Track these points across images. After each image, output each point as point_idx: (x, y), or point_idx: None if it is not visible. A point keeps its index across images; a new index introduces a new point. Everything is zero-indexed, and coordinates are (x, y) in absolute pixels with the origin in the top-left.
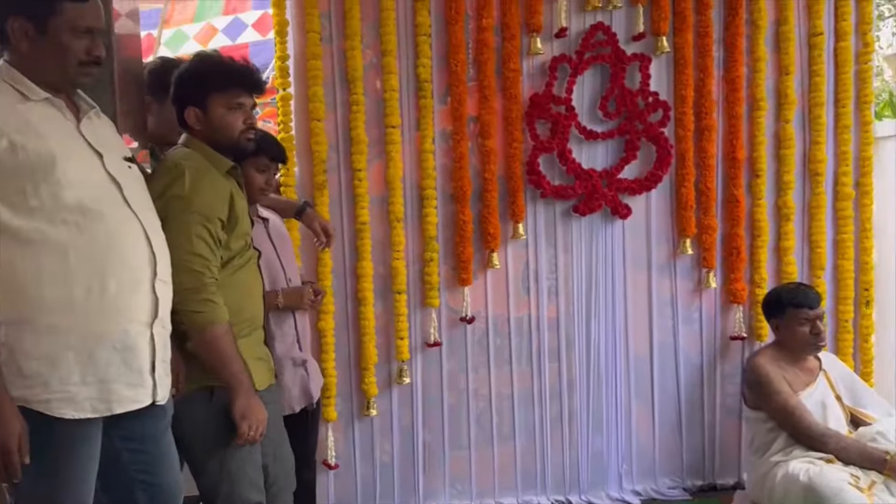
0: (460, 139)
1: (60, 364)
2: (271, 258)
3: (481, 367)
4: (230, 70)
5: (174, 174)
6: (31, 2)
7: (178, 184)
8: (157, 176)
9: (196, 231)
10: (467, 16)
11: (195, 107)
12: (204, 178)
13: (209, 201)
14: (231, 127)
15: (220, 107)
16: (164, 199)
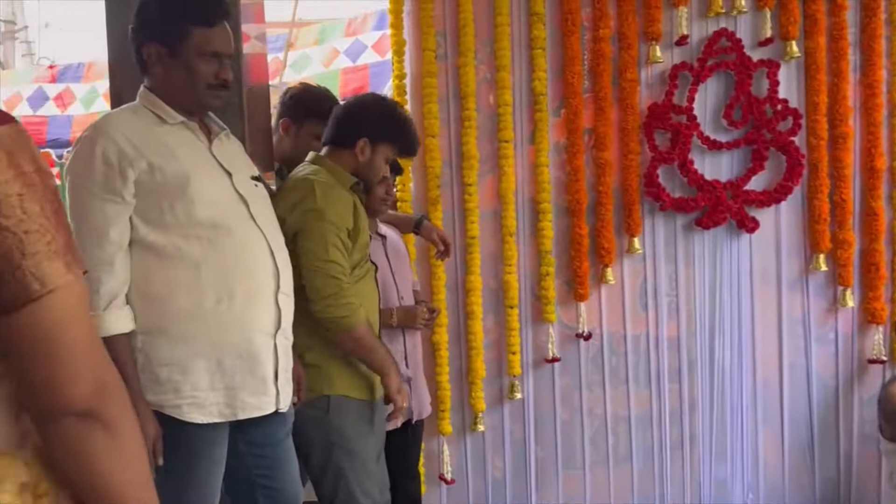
0: (576, 151)
1: (191, 371)
2: (386, 275)
3: (596, 386)
4: (407, 134)
5: (305, 188)
6: (164, 28)
7: (311, 197)
8: (287, 191)
9: (331, 240)
10: (583, 27)
11: (349, 144)
12: (333, 191)
13: (339, 212)
14: (377, 175)
15: (378, 155)
16: (297, 212)
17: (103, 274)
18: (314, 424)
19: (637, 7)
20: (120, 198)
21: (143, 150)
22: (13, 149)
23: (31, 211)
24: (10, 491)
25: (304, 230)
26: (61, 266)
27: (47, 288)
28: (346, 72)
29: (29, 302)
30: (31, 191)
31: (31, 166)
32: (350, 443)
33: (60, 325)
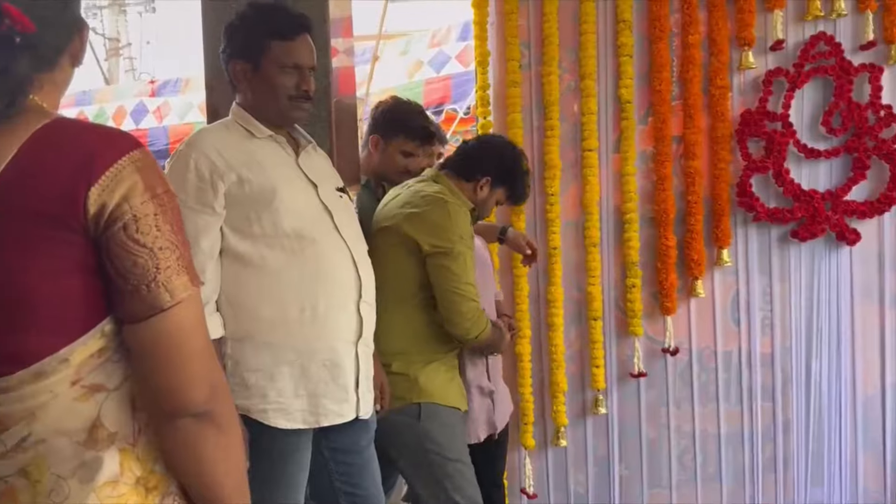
0: (663, 160)
1: (277, 377)
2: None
3: (684, 402)
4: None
5: (441, 206)
6: (246, 45)
7: (449, 219)
8: (421, 206)
9: (469, 263)
10: (672, 33)
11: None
12: (464, 214)
13: (470, 234)
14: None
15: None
16: (438, 229)
17: None
18: (407, 431)
19: (729, 12)
20: (211, 209)
21: (232, 164)
22: (146, 172)
23: (163, 229)
24: (128, 483)
25: (444, 252)
26: (187, 280)
27: (175, 300)
28: (428, 82)
29: (158, 312)
30: (163, 210)
31: (162, 188)
32: (446, 450)
33: (184, 334)
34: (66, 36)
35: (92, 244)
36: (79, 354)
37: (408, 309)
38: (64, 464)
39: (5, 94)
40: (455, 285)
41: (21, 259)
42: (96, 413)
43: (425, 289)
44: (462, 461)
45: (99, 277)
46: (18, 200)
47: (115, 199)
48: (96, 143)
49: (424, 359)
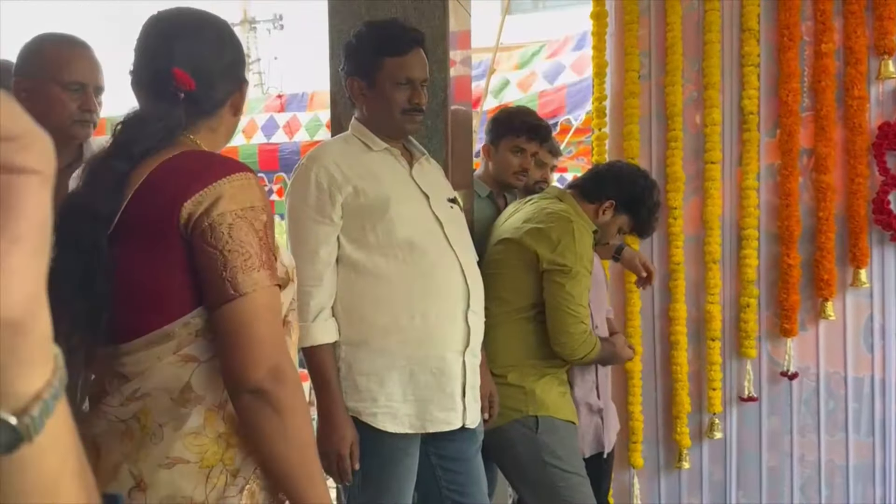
0: (789, 174)
1: (387, 382)
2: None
3: (809, 431)
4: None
5: (567, 225)
6: (362, 63)
7: (572, 239)
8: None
9: (586, 285)
10: (803, 42)
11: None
12: (586, 235)
13: (589, 254)
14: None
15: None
16: (561, 247)
17: (313, 288)
18: (524, 443)
19: (867, 20)
20: (329, 220)
21: (350, 176)
22: (236, 191)
23: (235, 236)
24: (209, 436)
25: (563, 270)
26: (254, 278)
27: (240, 293)
28: (542, 94)
29: (226, 302)
30: (239, 222)
31: (247, 204)
32: (564, 463)
33: (246, 321)
34: (225, 92)
35: (186, 246)
36: (179, 331)
37: (522, 322)
38: (162, 414)
39: (163, 134)
40: (567, 305)
41: (142, 256)
42: (188, 378)
43: (540, 304)
44: (580, 475)
45: (194, 272)
46: (143, 211)
47: (199, 211)
48: (201, 168)
49: (539, 372)
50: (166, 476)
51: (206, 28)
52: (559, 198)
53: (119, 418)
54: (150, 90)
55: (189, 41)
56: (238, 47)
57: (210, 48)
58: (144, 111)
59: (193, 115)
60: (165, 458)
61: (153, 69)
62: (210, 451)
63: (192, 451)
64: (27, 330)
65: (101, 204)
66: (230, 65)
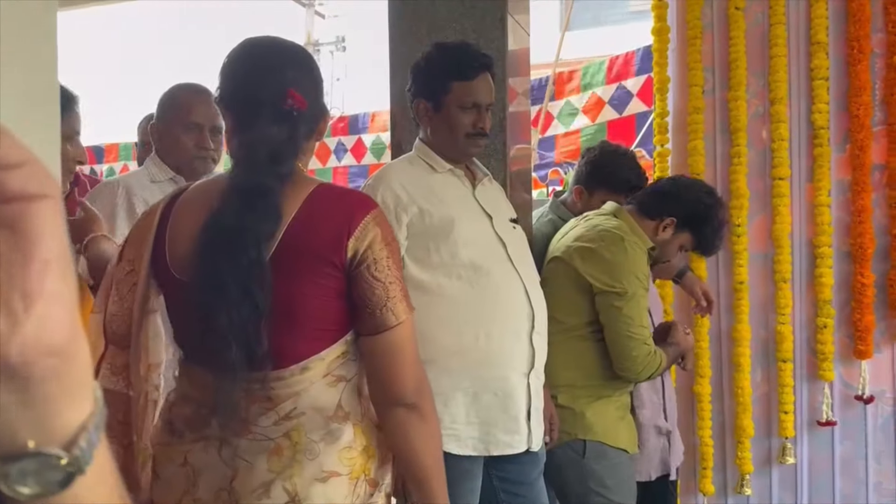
0: (861, 190)
1: (451, 403)
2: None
3: (885, 457)
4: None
5: (619, 245)
6: (429, 85)
7: (626, 259)
8: (598, 243)
9: (643, 304)
10: (874, 54)
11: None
12: (642, 254)
13: (645, 272)
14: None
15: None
16: (615, 268)
17: None
18: (571, 467)
19: None
20: None
21: (415, 197)
22: (383, 225)
23: (392, 268)
24: (358, 449)
25: (618, 293)
26: (406, 306)
27: (399, 321)
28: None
29: (387, 329)
30: (392, 253)
31: (391, 236)
32: (610, 492)
33: (402, 345)
34: (320, 115)
35: (346, 278)
36: (331, 355)
37: (575, 341)
38: (316, 431)
39: (291, 157)
40: (628, 329)
41: (301, 286)
42: (339, 397)
43: (594, 323)
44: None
45: (348, 302)
46: (303, 244)
47: (363, 246)
48: (354, 204)
49: (593, 394)
50: (321, 489)
51: (303, 55)
52: (614, 214)
53: (266, 437)
54: (264, 110)
55: (296, 66)
56: (321, 76)
57: (309, 74)
58: (269, 132)
59: (305, 139)
60: (322, 472)
61: (267, 89)
62: (358, 464)
63: (346, 464)
64: (71, 356)
65: (262, 222)
66: (321, 90)
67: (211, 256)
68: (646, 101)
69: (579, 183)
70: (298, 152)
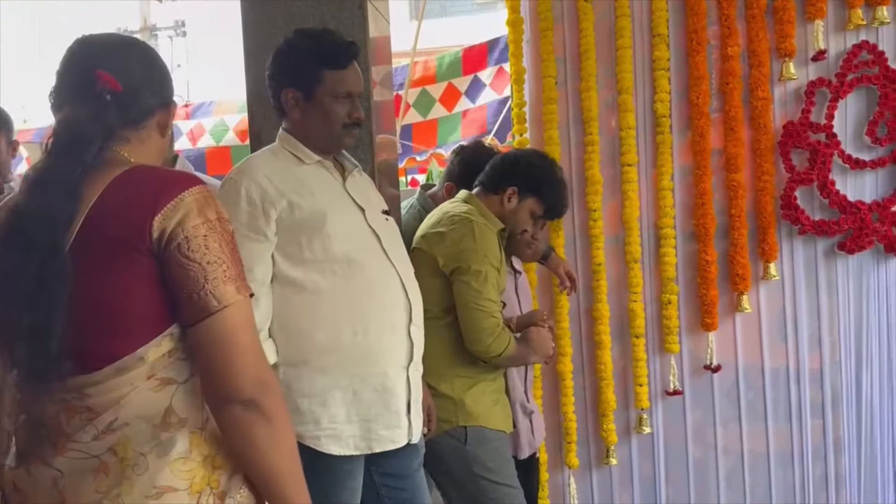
0: (702, 174)
1: (330, 403)
2: (514, 312)
3: (731, 422)
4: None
5: (465, 227)
6: (299, 74)
7: (471, 236)
8: (446, 225)
9: (491, 279)
10: (710, 46)
11: (501, 191)
12: (489, 231)
13: (495, 252)
14: (518, 228)
15: (524, 215)
16: (457, 250)
17: None
18: (453, 454)
19: (768, 23)
20: (263, 236)
21: (283, 190)
22: (201, 202)
23: (212, 247)
24: (196, 460)
25: (467, 269)
26: (233, 288)
27: (223, 304)
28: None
29: (209, 315)
30: (213, 232)
31: (215, 215)
32: (494, 474)
33: (231, 333)
34: (150, 104)
35: (157, 262)
36: (153, 354)
37: (445, 329)
38: (144, 443)
39: (96, 140)
40: (475, 301)
41: (104, 277)
42: (168, 402)
43: (454, 309)
44: (511, 485)
45: (165, 290)
46: (102, 231)
47: (172, 224)
48: (162, 183)
49: (469, 381)
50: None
51: (126, 41)
52: (465, 200)
53: (89, 454)
54: (75, 97)
55: (115, 54)
56: (164, 68)
57: (134, 61)
58: (74, 115)
59: (121, 123)
60: (153, 489)
61: (78, 77)
62: (199, 476)
63: (181, 478)
64: None
65: (56, 207)
66: (156, 79)
67: (5, 249)
68: (497, 91)
69: (451, 180)
70: (112, 136)
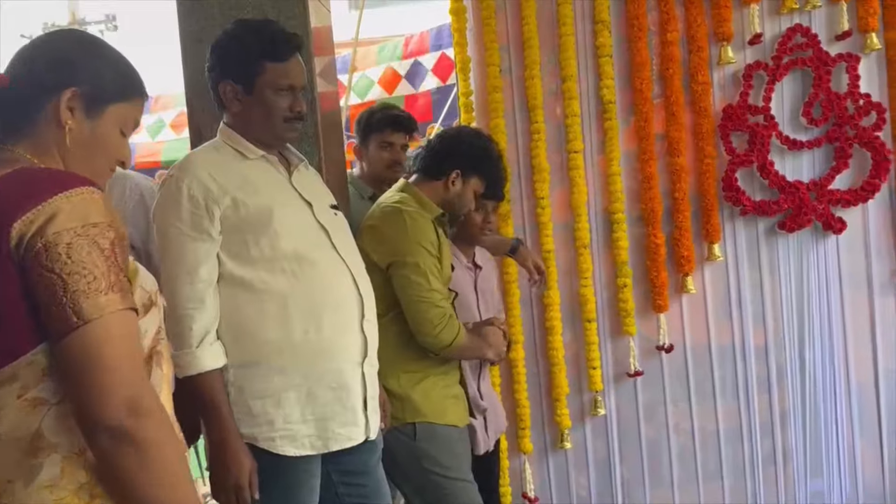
0: (647, 159)
1: (284, 403)
2: (472, 308)
3: (681, 400)
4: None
5: (397, 218)
6: (238, 66)
7: (403, 227)
8: (377, 221)
9: (430, 269)
10: (650, 32)
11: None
12: (422, 219)
13: (431, 240)
14: (463, 208)
15: (466, 193)
16: (392, 243)
17: (195, 311)
18: (403, 450)
19: (706, 8)
20: (207, 235)
21: (226, 187)
22: (74, 206)
23: (75, 257)
24: (68, 488)
25: (403, 262)
26: (105, 301)
27: (84, 319)
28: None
29: (70, 331)
30: (80, 239)
31: (90, 220)
32: (445, 469)
33: (94, 352)
34: (39, 95)
35: (19, 272)
36: (24, 371)
37: (391, 324)
38: (10, 469)
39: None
40: (418, 294)
41: None
42: (38, 424)
43: (397, 304)
44: (465, 480)
45: (33, 303)
46: None
47: (31, 230)
48: (34, 183)
49: (417, 376)
50: None
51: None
52: (401, 189)
53: None
54: None
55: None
56: (58, 52)
57: (29, 51)
58: None
59: (13, 119)
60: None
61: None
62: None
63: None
64: None
65: None
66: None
67: None
68: (441, 78)
69: (356, 143)
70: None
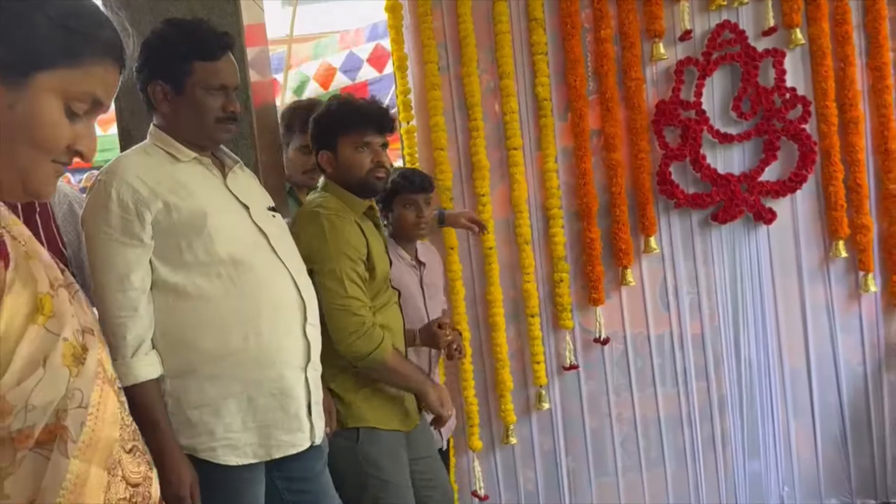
0: (583, 155)
1: (223, 412)
2: (418, 305)
3: (623, 390)
4: (356, 110)
5: (315, 223)
6: (167, 65)
7: (321, 232)
8: (299, 225)
9: (348, 275)
10: (584, 29)
11: (326, 150)
12: (341, 222)
13: (351, 243)
14: (359, 166)
15: (347, 147)
16: (311, 249)
17: (129, 320)
18: (345, 453)
19: (637, 5)
20: (139, 241)
21: (157, 191)
22: None
23: None
24: None
25: (321, 269)
26: None
27: None
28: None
29: None
30: None
31: None
32: (384, 473)
33: None
34: None
35: None
36: None
37: (325, 331)
38: None
39: None
40: (333, 301)
41: None
42: None
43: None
44: (402, 484)
45: None
46: None
47: None
48: None
49: (361, 381)
50: None
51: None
52: (322, 188)
53: None
54: None
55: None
56: None
57: None
58: None
59: None
60: None
61: None
62: None
63: None
64: None
65: None
66: None
67: None
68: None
69: (283, 140)
70: None
